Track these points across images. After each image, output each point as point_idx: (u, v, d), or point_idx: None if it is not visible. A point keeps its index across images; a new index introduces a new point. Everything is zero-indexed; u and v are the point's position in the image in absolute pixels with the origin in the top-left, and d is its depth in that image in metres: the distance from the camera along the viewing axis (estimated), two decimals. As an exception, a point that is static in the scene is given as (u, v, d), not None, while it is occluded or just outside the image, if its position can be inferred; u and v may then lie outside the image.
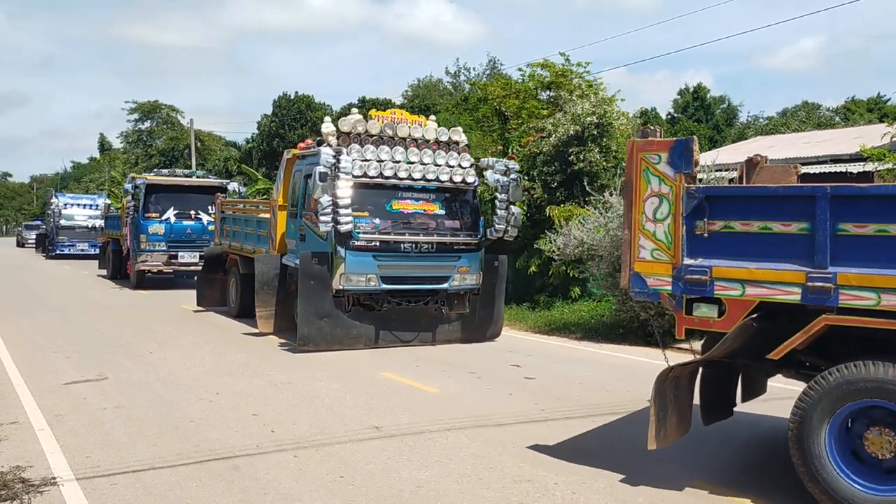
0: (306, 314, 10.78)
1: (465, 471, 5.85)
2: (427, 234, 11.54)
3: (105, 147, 72.60)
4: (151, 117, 56.12)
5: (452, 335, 11.98)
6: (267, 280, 12.27)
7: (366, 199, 11.18)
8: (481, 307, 12.17)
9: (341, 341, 11.01)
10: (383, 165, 11.26)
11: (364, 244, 10.96)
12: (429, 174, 11.59)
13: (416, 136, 11.67)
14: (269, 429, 6.95)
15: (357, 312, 11.28)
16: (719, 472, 5.92)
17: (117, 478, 5.63)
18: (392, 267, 11.20)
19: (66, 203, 37.82)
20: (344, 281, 10.94)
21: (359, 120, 11.38)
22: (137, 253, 20.34)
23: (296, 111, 49.92)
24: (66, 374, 9.31)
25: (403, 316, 11.57)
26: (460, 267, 11.71)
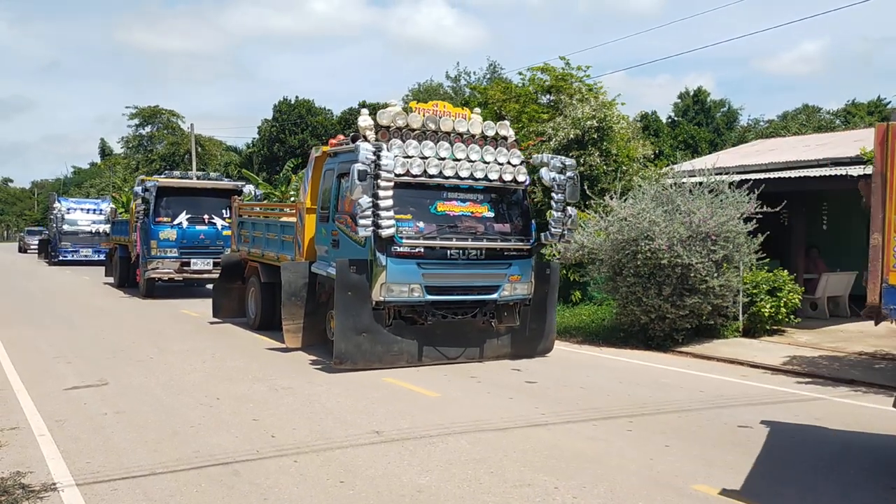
0: (343, 329, 9.77)
1: (465, 475, 5.84)
2: (475, 238, 10.38)
3: (106, 152, 72.68)
4: (152, 122, 56.21)
5: (501, 350, 10.88)
6: (295, 290, 11.25)
7: (408, 201, 10.09)
8: (532, 319, 11.04)
9: (381, 359, 9.99)
10: (427, 163, 10.20)
11: (407, 250, 9.90)
12: (476, 172, 10.48)
13: (461, 130, 10.58)
14: (269, 434, 6.95)
15: (398, 326, 10.21)
16: (722, 476, 5.90)
17: (117, 483, 5.62)
18: (437, 276, 10.12)
19: (70, 207, 37.17)
20: (385, 292, 9.88)
21: (399, 113, 10.33)
22: (147, 260, 19.33)
23: (296, 116, 49.99)
24: (66, 379, 9.30)
25: (449, 330, 10.46)
26: (511, 275, 10.60)
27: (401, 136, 10.19)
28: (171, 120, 55.97)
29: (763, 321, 12.56)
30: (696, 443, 6.82)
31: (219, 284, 15.20)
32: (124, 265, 22.41)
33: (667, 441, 6.83)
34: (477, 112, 11.25)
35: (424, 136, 10.31)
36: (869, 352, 11.33)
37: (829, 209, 16.67)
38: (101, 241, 34.08)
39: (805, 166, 14.80)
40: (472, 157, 10.52)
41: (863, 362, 10.68)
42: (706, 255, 11.60)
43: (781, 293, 12.63)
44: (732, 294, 12.20)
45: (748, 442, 6.88)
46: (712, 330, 12.45)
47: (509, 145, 10.88)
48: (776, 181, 13.65)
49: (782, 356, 11.11)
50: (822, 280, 14.66)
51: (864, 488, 5.68)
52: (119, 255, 22.92)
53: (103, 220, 34.69)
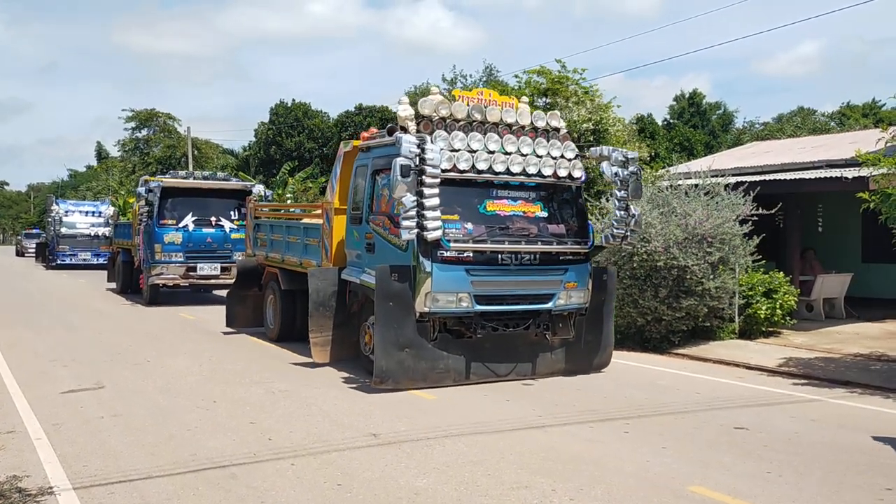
0: (384, 344, 8.77)
1: (462, 478, 5.85)
2: (529, 241, 9.38)
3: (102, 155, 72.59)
4: (148, 125, 56.14)
5: (555, 366, 9.84)
6: (323, 299, 10.26)
7: (454, 199, 9.05)
8: (587, 331, 10.00)
9: (426, 377, 8.96)
10: (476, 157, 9.21)
11: (455, 255, 8.92)
12: (529, 167, 9.50)
13: (509, 120, 9.57)
14: (266, 437, 6.95)
15: (444, 340, 9.15)
16: (718, 477, 5.92)
17: (114, 487, 5.62)
18: (488, 283, 9.14)
19: (68, 210, 36.35)
20: (430, 302, 8.85)
21: (441, 101, 9.35)
22: (151, 265, 18.22)
23: (293, 118, 49.97)
24: (63, 382, 9.29)
25: (498, 344, 9.42)
26: (567, 282, 9.57)
27: (445, 127, 9.20)
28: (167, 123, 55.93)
29: (759, 323, 12.59)
30: (693, 444, 6.84)
31: (233, 292, 14.11)
32: (127, 270, 21.40)
33: (663, 443, 6.84)
34: (524, 101, 10.27)
35: (470, 128, 9.34)
36: (864, 353, 11.36)
37: (824, 211, 16.73)
38: (100, 245, 33.44)
39: (800, 168, 14.86)
40: (524, 150, 9.53)
41: (858, 364, 10.71)
42: (702, 258, 11.64)
43: (777, 295, 12.67)
44: (728, 296, 12.24)
45: (744, 443, 6.90)
46: (708, 332, 12.48)
47: (562, 137, 9.93)
48: (771, 183, 13.70)
49: (778, 358, 11.14)
50: (818, 282, 14.71)
51: (859, 490, 5.70)
52: (122, 260, 22.00)
53: (102, 223, 34.00)
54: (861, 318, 14.71)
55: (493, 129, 9.44)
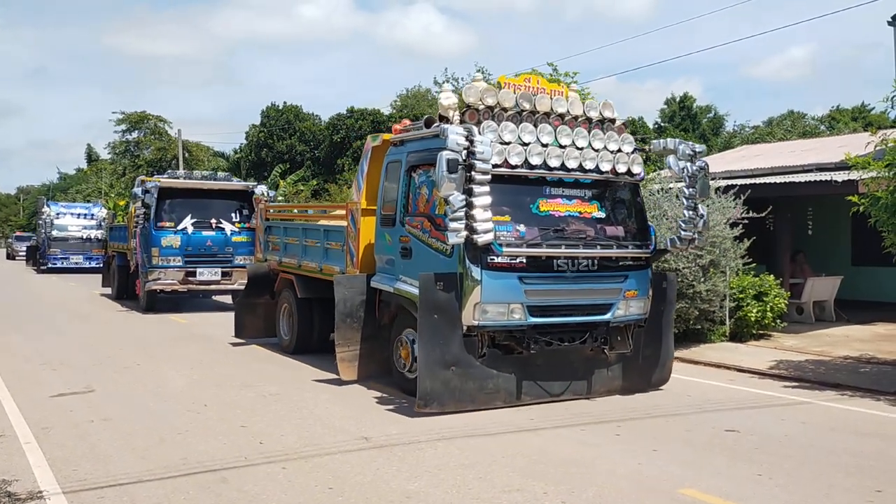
0: (429, 362, 7.84)
1: (454, 481, 5.84)
2: (587, 245, 8.46)
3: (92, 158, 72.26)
4: (139, 128, 55.95)
5: (612, 384, 8.93)
6: (350, 310, 9.36)
7: (504, 198, 8.09)
8: (645, 344, 9.09)
9: (474, 399, 8.04)
10: (528, 151, 8.26)
11: (506, 261, 7.97)
12: (586, 162, 8.53)
13: (560, 110, 8.59)
14: (257, 440, 6.93)
15: (493, 357, 8.20)
16: (709, 479, 5.93)
17: (104, 491, 5.59)
18: (542, 292, 8.21)
19: (59, 212, 35.59)
20: (479, 314, 7.92)
21: (487, 89, 8.46)
22: (148, 269, 17.30)
23: (284, 121, 49.91)
24: (53, 386, 9.24)
25: (551, 360, 8.50)
26: (627, 290, 8.66)
27: (492, 117, 8.28)
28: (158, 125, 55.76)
29: (749, 326, 12.64)
30: (684, 447, 6.85)
31: (243, 300, 13.14)
32: (122, 275, 20.48)
33: (655, 445, 6.85)
34: (574, 89, 9.33)
35: (520, 118, 8.37)
36: (854, 356, 11.41)
37: (814, 214, 16.81)
38: (92, 248, 33.09)
39: (790, 172, 14.95)
40: (579, 143, 8.56)
41: (848, 366, 10.76)
42: (693, 260, 11.67)
43: (768, 298, 12.71)
44: (719, 299, 12.28)
45: (735, 446, 6.92)
46: (699, 335, 12.51)
47: (617, 129, 8.93)
48: (762, 186, 13.75)
49: (769, 360, 11.18)
50: (808, 285, 14.77)
51: (849, 492, 5.72)
52: (117, 264, 21.03)
53: (95, 226, 33.74)
54: (851, 321, 14.78)
55: (543, 120, 8.46)
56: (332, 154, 45.30)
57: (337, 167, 43.18)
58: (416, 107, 49.77)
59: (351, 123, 44.58)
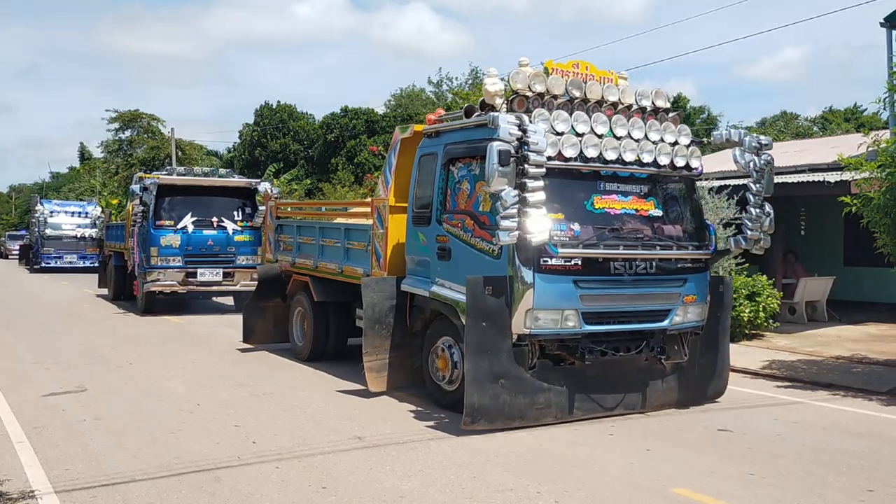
0: (476, 375, 7.15)
1: (447, 480, 5.85)
2: (645, 246, 7.82)
3: (85, 156, 72.01)
4: (132, 126, 55.71)
5: (667, 396, 8.26)
6: (379, 316, 8.68)
7: (557, 194, 7.36)
8: (701, 353, 8.43)
9: (524, 414, 7.36)
10: (584, 142, 7.59)
11: (560, 263, 7.32)
12: (644, 155, 7.88)
13: (611, 98, 7.97)
14: (250, 440, 6.91)
15: (544, 369, 7.55)
16: (702, 479, 5.95)
17: (96, 490, 5.58)
18: (598, 298, 7.58)
19: (53, 210, 35.13)
20: (530, 321, 7.26)
21: (536, 74, 7.71)
22: (147, 270, 16.55)
23: (278, 120, 49.86)
24: (44, 385, 9.21)
25: (605, 371, 7.87)
26: (686, 295, 8.04)
27: (542, 105, 7.57)
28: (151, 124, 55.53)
29: (742, 326, 12.67)
30: (677, 446, 6.87)
31: (252, 304, 12.35)
32: (120, 275, 19.67)
33: (648, 445, 6.87)
34: (623, 76, 8.67)
35: (571, 107, 7.73)
36: (846, 356, 11.46)
37: (806, 215, 16.86)
38: (86, 247, 32.71)
39: (783, 172, 14.96)
40: (635, 134, 7.90)
41: (840, 366, 10.80)
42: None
43: (760, 298, 12.75)
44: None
45: (728, 445, 6.94)
46: (692, 334, 12.51)
47: (672, 119, 8.28)
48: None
49: (761, 360, 11.21)
50: (801, 285, 14.83)
51: (841, 491, 5.75)
52: (114, 264, 20.24)
53: (89, 225, 33.33)
54: (843, 321, 14.84)
55: (596, 109, 7.83)
56: (325, 153, 45.27)
57: (331, 167, 43.16)
58: (409, 106, 49.82)
59: (345, 123, 44.56)
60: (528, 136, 6.97)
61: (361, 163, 39.76)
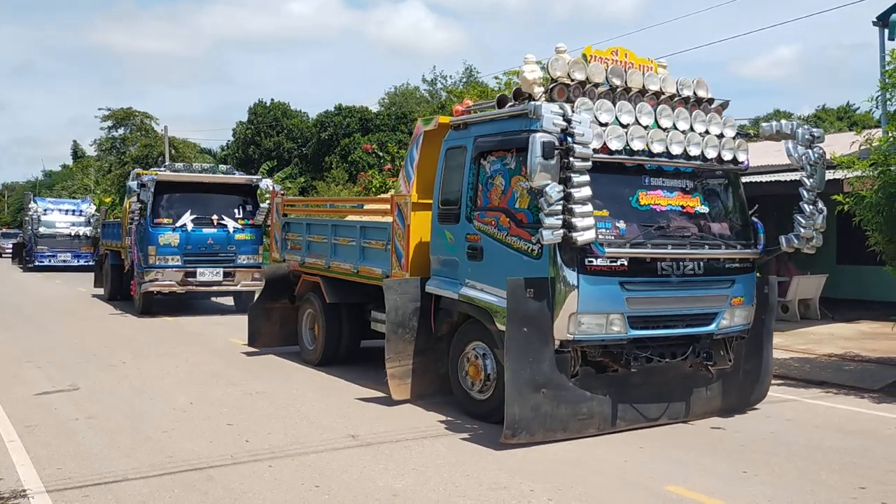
0: (517, 384, 6.66)
1: (441, 479, 5.85)
2: (693, 245, 7.39)
3: (78, 154, 71.81)
4: (125, 124, 55.58)
5: (711, 404, 7.83)
6: (402, 319, 8.21)
7: (601, 189, 6.81)
8: (745, 358, 8.02)
9: (566, 426, 6.90)
10: (629, 134, 7.10)
11: (606, 264, 6.85)
12: (691, 148, 7.41)
13: (653, 87, 7.44)
14: (243, 439, 6.90)
15: (586, 377, 7.08)
16: (695, 477, 5.96)
17: (89, 490, 5.56)
18: (646, 300, 7.13)
19: (46, 208, 34.82)
20: (574, 325, 6.81)
21: (576, 62, 7.18)
22: (144, 269, 16.01)
23: (272, 118, 49.76)
24: (37, 384, 9.18)
25: (648, 379, 7.41)
26: (733, 297, 7.61)
27: (583, 94, 7.09)
28: (144, 122, 55.41)
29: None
30: (670, 445, 6.87)
31: (257, 305, 11.90)
32: (116, 275, 19.15)
33: (641, 443, 6.88)
34: (662, 64, 8.13)
35: (612, 96, 7.24)
36: (839, 353, 11.50)
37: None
38: (81, 245, 32.55)
39: (775, 171, 14.99)
40: (680, 125, 7.42)
41: (832, 364, 10.84)
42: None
43: (753, 296, 12.75)
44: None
45: (721, 443, 6.96)
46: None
47: (716, 110, 7.84)
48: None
49: (754, 358, 11.22)
50: (794, 283, 14.87)
51: (833, 489, 5.77)
52: (110, 264, 19.65)
53: (84, 223, 33.15)
54: (836, 319, 14.89)
55: (638, 99, 7.34)
56: (319, 151, 45.19)
57: (325, 165, 43.08)
58: (404, 105, 49.80)
59: (339, 121, 44.48)
60: (573, 126, 6.51)
61: (355, 161, 39.69)
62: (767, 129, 8.10)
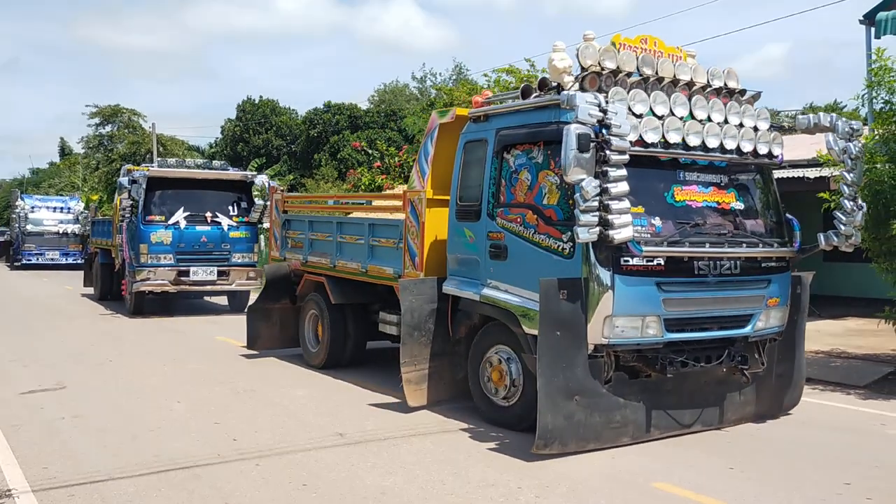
0: (550, 392, 6.30)
1: (429, 476, 5.85)
2: (731, 243, 7.05)
3: (66, 152, 71.35)
4: (113, 121, 55.24)
5: (744, 409, 7.52)
6: (419, 322, 7.84)
7: (637, 185, 6.39)
8: (778, 361, 7.72)
9: (599, 435, 6.55)
10: (666, 126, 6.71)
11: (643, 264, 6.49)
12: (727, 141, 7.04)
13: (684, 78, 7.10)
14: (231, 437, 6.88)
15: (619, 383, 6.74)
16: (682, 473, 5.98)
17: (75, 489, 5.53)
18: (683, 302, 6.76)
19: (34, 206, 34.29)
20: (608, 329, 6.44)
21: (606, 50, 6.78)
22: (136, 268, 15.51)
23: (260, 115, 49.57)
24: (23, 383, 9.11)
25: (681, 384, 7.08)
26: (770, 298, 7.29)
27: (615, 84, 6.73)
28: (132, 119, 55.09)
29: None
30: (657, 442, 6.88)
31: (256, 306, 11.37)
32: (106, 274, 18.61)
33: (628, 440, 6.89)
34: (691, 53, 7.71)
35: (645, 86, 6.88)
36: (825, 350, 11.56)
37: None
38: (69, 243, 32.20)
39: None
40: (715, 117, 7.06)
41: (819, 361, 10.89)
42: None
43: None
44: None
45: (707, 440, 6.98)
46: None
47: (748, 101, 7.51)
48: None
49: (742, 355, 11.27)
50: (781, 280, 14.92)
51: (818, 484, 5.80)
52: (100, 262, 19.09)
53: (72, 220, 32.77)
54: (822, 316, 14.95)
55: (670, 89, 7.00)
56: (308, 149, 45.08)
57: (314, 162, 42.98)
58: (393, 102, 49.73)
59: (328, 118, 44.38)
60: (610, 118, 6.13)
61: (344, 159, 39.58)
62: (804, 122, 7.71)
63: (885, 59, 9.40)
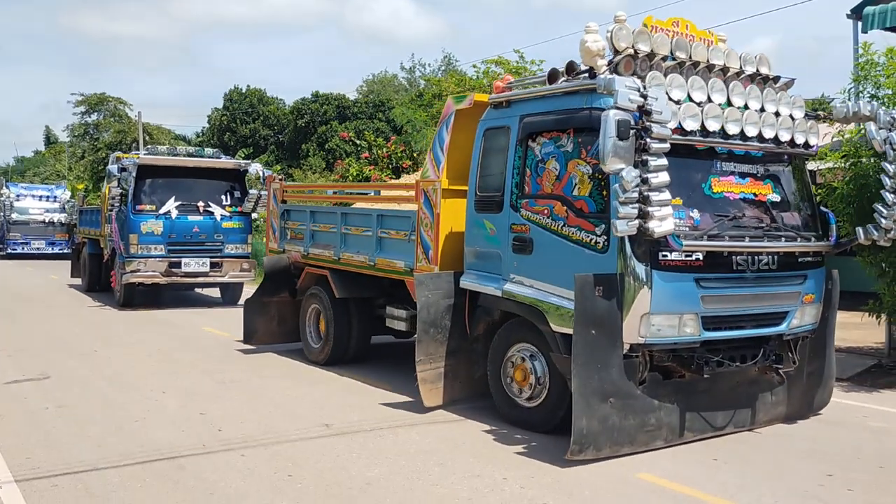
0: (585, 394, 6.00)
1: (414, 467, 5.86)
2: (770, 237, 6.73)
3: (51, 140, 70.86)
4: (98, 110, 54.83)
5: (775, 410, 7.28)
6: (435, 318, 7.48)
7: (674, 175, 5.93)
8: (809, 360, 7.43)
9: (633, 439, 6.24)
10: (705, 112, 6.31)
11: (681, 259, 6.16)
12: (766, 130, 6.66)
13: (717, 63, 6.78)
14: (216, 428, 6.87)
15: (654, 384, 6.45)
16: (665, 464, 6.02)
17: (58, 479, 5.51)
18: (721, 299, 6.43)
19: (19, 194, 33.74)
20: (645, 327, 6.12)
21: (640, 32, 6.43)
22: (126, 259, 15.07)
23: (248, 105, 49.35)
24: (6, 373, 9.06)
25: (714, 385, 6.83)
26: (806, 294, 7.00)
27: (650, 68, 6.34)
28: (117, 108, 54.70)
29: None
30: (642, 433, 6.92)
31: (254, 300, 10.94)
32: (95, 265, 18.08)
33: (613, 431, 6.91)
34: (722, 37, 7.36)
35: (681, 71, 6.54)
36: (809, 343, 11.62)
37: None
38: (55, 233, 31.87)
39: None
40: (752, 104, 6.69)
41: (803, 353, 10.96)
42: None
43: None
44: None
45: (692, 431, 7.02)
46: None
47: (781, 88, 7.19)
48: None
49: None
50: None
51: (800, 475, 5.85)
52: (88, 252, 18.56)
53: (58, 209, 32.44)
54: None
55: (706, 74, 6.66)
56: (296, 139, 44.92)
57: (301, 152, 42.83)
58: (382, 92, 49.58)
59: (316, 108, 44.22)
60: (650, 103, 5.75)
61: (332, 149, 39.48)
62: (842, 110, 7.32)
63: (872, 54, 9.44)
